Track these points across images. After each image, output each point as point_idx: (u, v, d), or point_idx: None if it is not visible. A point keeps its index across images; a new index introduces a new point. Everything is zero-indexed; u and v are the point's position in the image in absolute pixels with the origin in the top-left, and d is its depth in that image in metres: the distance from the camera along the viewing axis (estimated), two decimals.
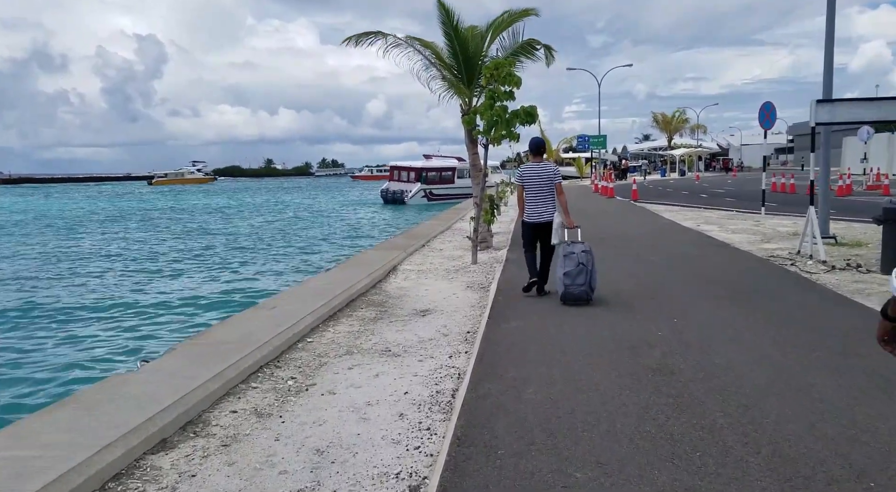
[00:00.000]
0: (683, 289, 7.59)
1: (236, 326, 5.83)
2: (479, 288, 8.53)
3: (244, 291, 13.57)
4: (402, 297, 8.07)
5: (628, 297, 7.17)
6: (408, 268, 10.29)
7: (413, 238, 13.53)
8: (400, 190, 45.51)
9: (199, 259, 19.39)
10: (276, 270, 16.81)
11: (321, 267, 15.90)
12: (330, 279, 8.47)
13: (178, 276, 16.12)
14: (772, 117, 15.44)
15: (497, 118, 9.56)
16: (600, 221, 16.78)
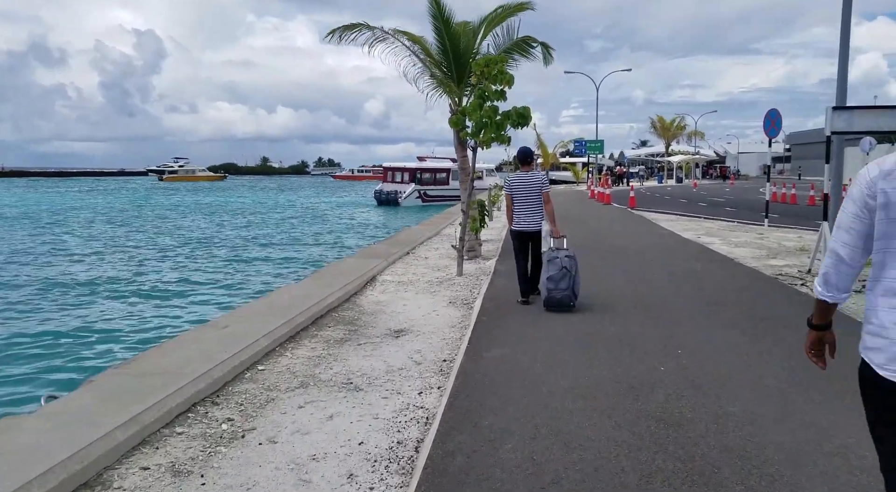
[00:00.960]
0: (688, 313, 6.86)
1: (175, 350, 5.06)
2: (462, 304, 7.78)
3: (205, 303, 12.38)
4: (376, 313, 7.32)
5: (627, 322, 6.43)
6: (388, 279, 9.53)
7: (397, 245, 12.77)
8: (394, 191, 44.85)
9: (168, 263, 18.18)
10: (243, 280, 15.32)
11: (298, 275, 14.86)
12: (298, 292, 7.70)
13: (136, 283, 14.90)
14: (777, 125, 14.76)
15: (487, 119, 8.83)
16: (596, 230, 16.06)
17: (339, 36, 10.28)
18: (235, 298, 12.80)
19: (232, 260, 18.93)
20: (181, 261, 18.81)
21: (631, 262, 10.50)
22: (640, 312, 6.82)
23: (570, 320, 6.50)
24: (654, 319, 6.53)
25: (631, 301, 7.39)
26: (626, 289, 8.16)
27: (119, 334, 10.01)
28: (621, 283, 8.58)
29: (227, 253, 20.66)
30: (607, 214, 22.01)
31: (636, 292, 7.92)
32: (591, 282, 8.45)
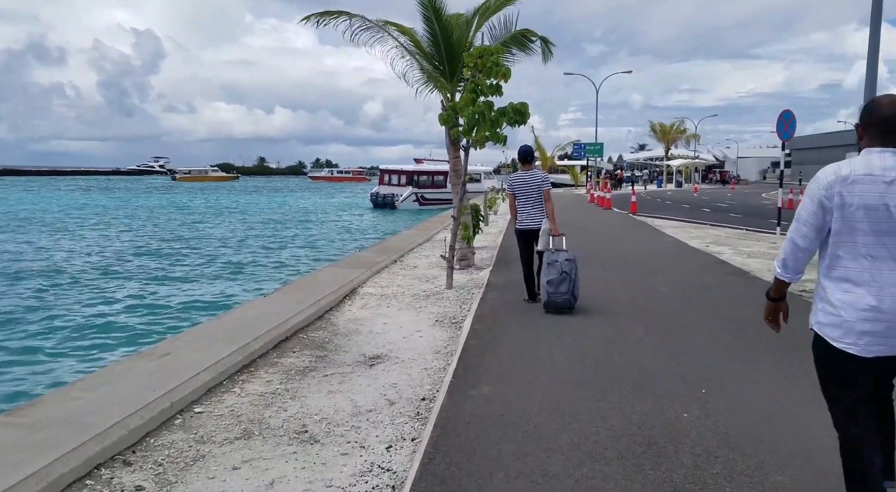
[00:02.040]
0: (706, 337, 5.98)
1: (89, 389, 4.16)
2: (449, 323, 6.89)
3: (153, 321, 10.83)
4: (351, 334, 6.43)
5: (639, 350, 5.54)
6: (370, 291, 8.63)
7: (384, 252, 11.87)
8: (390, 194, 44.06)
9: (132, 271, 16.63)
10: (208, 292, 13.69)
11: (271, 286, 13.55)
12: (263, 309, 6.81)
13: (82, 295, 13.24)
14: (791, 127, 13.90)
15: (480, 116, 7.95)
16: (598, 237, 15.18)
17: (316, 21, 9.39)
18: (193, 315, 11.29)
19: (202, 268, 17.34)
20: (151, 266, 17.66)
21: (637, 274, 9.62)
22: (652, 336, 5.93)
23: (573, 346, 5.62)
24: (669, 345, 5.64)
25: (640, 322, 6.50)
26: (634, 306, 7.27)
27: (30, 367, 8.43)
28: (628, 299, 7.69)
29: (201, 259, 19.17)
30: (608, 219, 21.14)
31: (645, 311, 7.04)
32: (596, 297, 7.58)
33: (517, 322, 6.59)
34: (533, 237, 7.61)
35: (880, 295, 2.39)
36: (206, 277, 15.84)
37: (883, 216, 2.38)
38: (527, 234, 7.65)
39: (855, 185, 2.41)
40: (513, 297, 7.93)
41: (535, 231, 7.55)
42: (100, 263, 18.19)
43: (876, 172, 2.39)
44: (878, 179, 2.39)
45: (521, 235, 7.71)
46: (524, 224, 7.63)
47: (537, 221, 7.54)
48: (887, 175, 2.38)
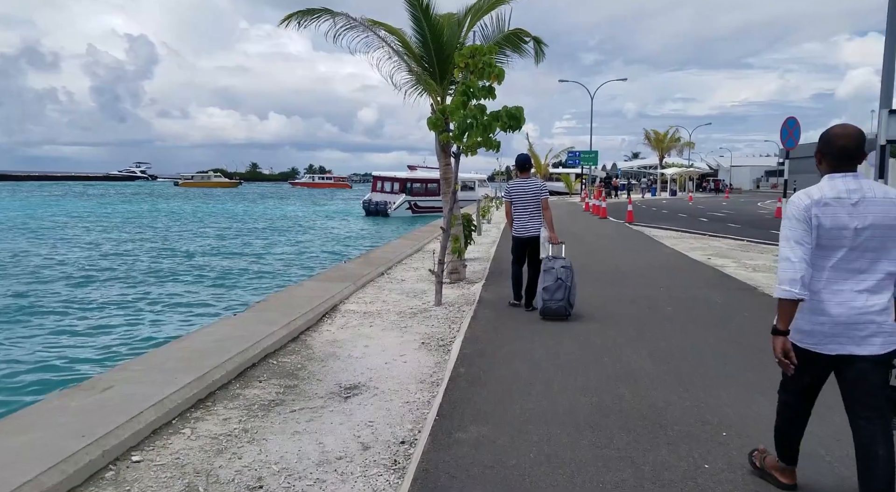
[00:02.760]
0: (723, 371, 5.39)
1: (6, 435, 3.52)
2: (436, 346, 6.28)
3: (102, 347, 9.52)
4: (327, 359, 5.82)
5: (649, 383, 4.95)
6: (352, 308, 8.02)
7: (370, 264, 11.25)
8: (383, 201, 43.52)
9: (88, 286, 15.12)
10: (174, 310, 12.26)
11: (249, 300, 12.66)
12: (228, 330, 6.17)
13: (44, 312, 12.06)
14: (795, 134, 13.40)
15: (472, 120, 7.38)
16: (594, 248, 14.62)
17: (297, 22, 8.80)
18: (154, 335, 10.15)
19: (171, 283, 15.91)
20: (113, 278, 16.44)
21: (637, 289, 9.05)
22: (661, 366, 5.35)
23: (573, 378, 5.02)
24: (681, 377, 5.06)
25: (646, 348, 5.92)
26: (638, 329, 6.69)
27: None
28: (630, 320, 7.11)
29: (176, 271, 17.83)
30: (604, 229, 20.59)
31: (650, 334, 6.45)
32: (595, 317, 7.02)
33: (511, 347, 5.99)
34: (528, 245, 7.63)
35: (838, 301, 2.75)
36: (174, 294, 14.41)
37: (850, 234, 2.71)
38: (523, 242, 7.65)
39: (827, 207, 2.72)
40: (506, 316, 7.34)
41: (531, 239, 7.59)
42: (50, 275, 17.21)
43: (843, 195, 2.72)
44: (846, 201, 2.71)
45: (517, 242, 7.70)
46: (521, 232, 7.63)
47: (534, 229, 7.56)
48: (852, 197, 2.72)
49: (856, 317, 2.75)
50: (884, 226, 2.72)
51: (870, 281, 2.75)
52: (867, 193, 2.74)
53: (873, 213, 2.71)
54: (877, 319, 2.74)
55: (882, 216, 2.71)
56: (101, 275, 16.96)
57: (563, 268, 7.02)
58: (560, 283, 6.93)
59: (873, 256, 2.74)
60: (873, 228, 2.71)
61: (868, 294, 2.75)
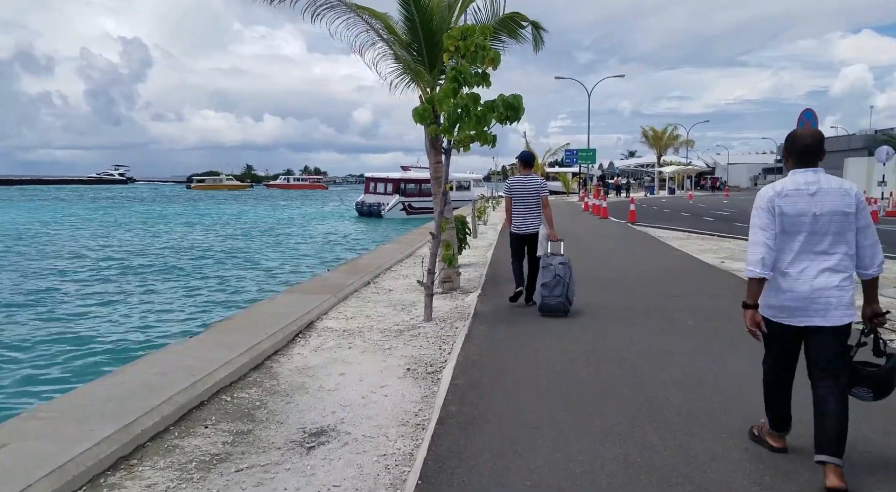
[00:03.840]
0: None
1: None
2: (424, 374, 5.36)
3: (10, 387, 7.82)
4: (294, 393, 4.89)
5: (685, 434, 4.03)
6: (330, 325, 7.09)
7: (356, 272, 10.31)
8: (376, 203, 42.59)
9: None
10: (112, 334, 10.47)
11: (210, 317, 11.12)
12: (176, 359, 5.22)
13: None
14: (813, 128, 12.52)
15: (463, 111, 6.47)
16: (597, 251, 13.72)
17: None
18: (85, 367, 8.45)
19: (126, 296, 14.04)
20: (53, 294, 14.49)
21: (650, 299, 8.14)
22: (691, 399, 4.43)
23: (592, 424, 4.10)
24: (716, 414, 4.14)
25: (670, 373, 5.01)
26: (656, 347, 5.77)
27: None
28: (645, 335, 6.20)
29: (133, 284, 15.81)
30: (606, 230, 19.69)
31: (673, 355, 5.54)
32: (607, 332, 6.08)
33: (512, 373, 5.07)
34: (527, 242, 7.60)
35: (801, 279, 3.17)
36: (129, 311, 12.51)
37: (809, 220, 3.16)
38: (522, 238, 7.60)
39: (787, 198, 3.19)
40: (505, 332, 6.43)
41: (530, 236, 7.55)
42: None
43: (801, 187, 3.19)
44: (804, 192, 3.18)
45: (515, 238, 7.65)
46: (520, 229, 7.56)
47: (533, 226, 7.51)
48: (810, 188, 3.18)
49: (819, 292, 3.13)
50: (838, 212, 3.12)
51: (830, 261, 3.14)
52: (823, 184, 3.16)
53: (829, 201, 3.13)
54: (837, 293, 3.12)
55: (836, 203, 3.12)
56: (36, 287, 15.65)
57: (561, 264, 7.03)
58: (559, 279, 6.94)
59: (832, 239, 3.14)
60: (830, 214, 3.12)
61: (829, 272, 3.13)
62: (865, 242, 3.18)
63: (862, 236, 3.18)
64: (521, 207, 7.54)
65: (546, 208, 7.52)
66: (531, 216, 7.51)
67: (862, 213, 3.16)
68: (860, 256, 3.20)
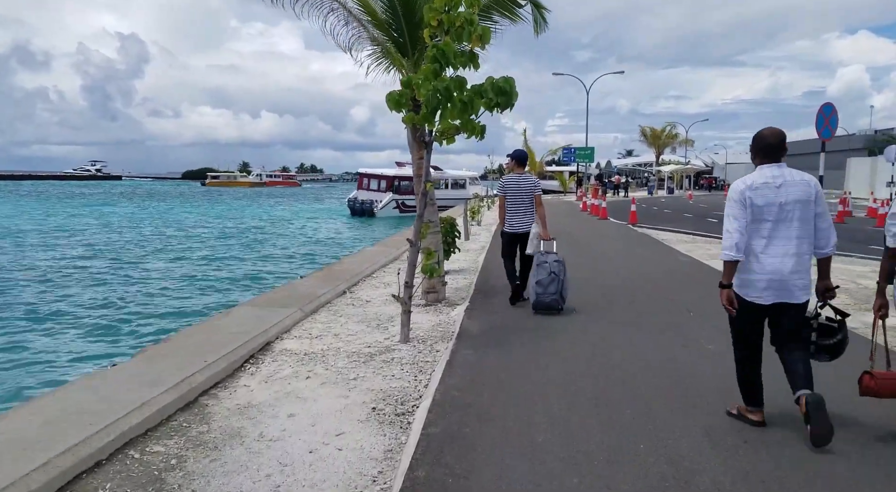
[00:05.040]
0: (826, 469, 3.49)
1: None
2: (392, 416, 4.35)
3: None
4: (225, 444, 3.88)
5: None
6: (290, 347, 6.07)
7: (331, 279, 9.29)
8: (369, 200, 41.60)
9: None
10: (26, 361, 8.98)
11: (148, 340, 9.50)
12: (76, 400, 4.16)
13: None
14: (832, 123, 11.54)
15: (444, 95, 5.47)
16: (598, 256, 12.72)
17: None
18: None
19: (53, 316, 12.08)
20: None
21: (660, 314, 7.15)
22: (729, 460, 3.44)
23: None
24: (769, 486, 3.15)
25: (698, 422, 4.01)
26: (673, 379, 4.78)
27: None
28: (660, 364, 5.21)
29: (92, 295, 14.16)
30: (607, 232, 18.69)
31: (699, 392, 4.55)
32: (612, 358, 5.08)
33: (502, 418, 4.07)
34: (520, 241, 7.58)
35: (771, 262, 3.66)
36: (49, 329, 10.84)
37: (776, 209, 3.65)
38: (515, 237, 7.58)
39: (757, 190, 3.67)
40: (493, 358, 5.43)
41: (523, 235, 7.53)
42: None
43: (769, 181, 3.67)
44: (771, 184, 3.66)
45: (508, 238, 7.63)
46: (513, 228, 7.55)
47: (526, 225, 7.52)
48: (776, 181, 3.66)
49: (787, 274, 3.66)
50: (801, 201, 3.65)
51: (795, 246, 3.67)
52: (787, 177, 3.69)
53: (793, 192, 3.65)
54: (801, 276, 3.69)
55: (799, 194, 3.65)
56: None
57: (555, 262, 7.07)
58: (553, 276, 6.97)
59: (796, 226, 3.66)
60: (794, 203, 3.65)
61: (796, 256, 3.67)
62: (822, 225, 3.71)
63: (819, 220, 3.71)
64: (516, 206, 7.49)
65: (540, 207, 7.51)
66: (525, 215, 7.49)
67: (819, 201, 3.70)
68: (818, 237, 3.73)
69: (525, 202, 7.45)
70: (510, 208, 7.51)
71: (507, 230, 7.59)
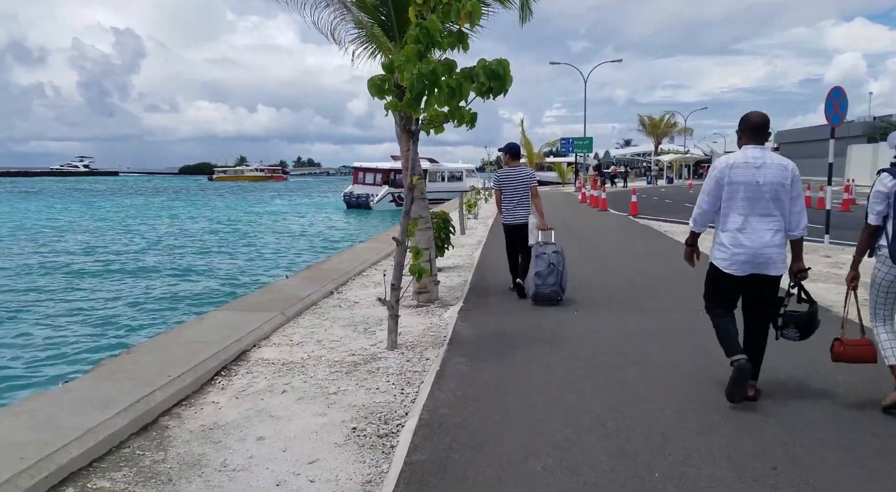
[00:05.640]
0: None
1: None
2: (374, 438, 3.88)
3: None
4: (180, 477, 3.40)
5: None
6: (268, 355, 5.59)
7: (318, 279, 8.80)
8: (364, 194, 41.03)
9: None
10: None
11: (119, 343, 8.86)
12: (10, 428, 3.68)
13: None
14: (842, 108, 11.02)
15: (428, 80, 4.97)
16: (599, 251, 12.25)
17: None
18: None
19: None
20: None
21: (673, 320, 6.68)
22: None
23: None
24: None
25: (728, 460, 3.54)
26: (690, 401, 4.32)
27: None
28: (681, 384, 4.74)
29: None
30: (607, 224, 18.21)
31: (725, 418, 4.08)
32: (624, 372, 4.60)
33: (494, 451, 3.59)
34: (517, 232, 7.70)
35: (750, 238, 3.95)
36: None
37: (753, 188, 3.93)
38: (513, 229, 7.71)
39: (736, 169, 3.96)
40: (488, 367, 4.96)
41: (520, 226, 7.67)
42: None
43: (750, 161, 3.94)
44: (751, 164, 3.93)
45: (507, 229, 7.76)
46: (510, 220, 7.67)
47: (522, 216, 7.62)
48: (756, 162, 3.93)
49: (762, 248, 3.94)
50: (777, 183, 3.92)
51: (770, 223, 3.95)
52: (767, 160, 3.95)
53: (771, 173, 3.92)
54: (776, 249, 3.96)
55: (776, 176, 3.92)
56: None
57: (554, 253, 7.10)
58: (552, 268, 7.01)
59: (771, 205, 3.93)
60: (770, 184, 3.91)
61: (772, 232, 3.94)
62: (795, 208, 3.97)
63: (793, 204, 3.96)
64: (512, 198, 7.61)
65: (535, 198, 7.64)
66: (521, 207, 7.59)
67: (795, 185, 3.94)
68: (790, 220, 3.98)
69: (520, 194, 7.57)
70: (506, 201, 7.64)
71: (505, 222, 7.76)
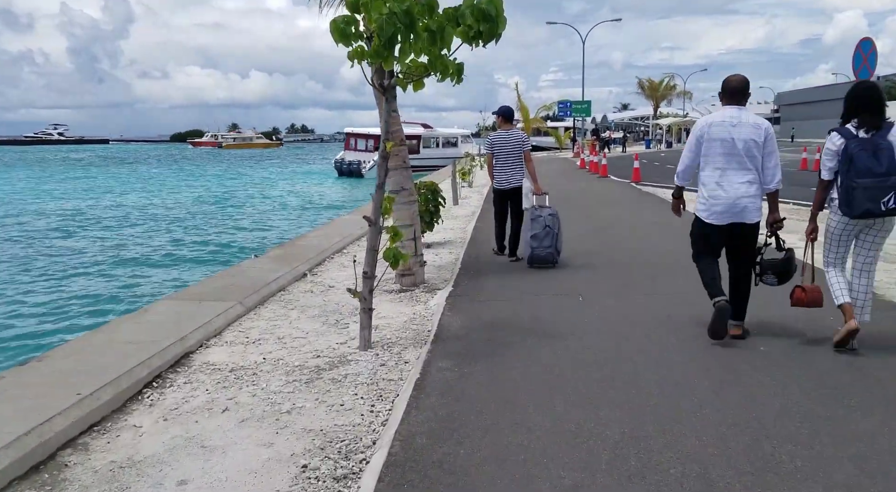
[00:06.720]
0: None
1: None
2: (329, 481, 3.00)
3: None
4: None
5: None
6: (214, 358, 4.69)
7: (291, 258, 7.85)
8: (356, 161, 39.95)
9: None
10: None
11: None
12: None
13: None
14: (871, 62, 9.97)
15: (402, 22, 3.98)
16: (602, 224, 11.34)
17: None
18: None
19: None
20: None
21: (686, 304, 5.77)
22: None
23: None
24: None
25: (757, 482, 2.69)
26: (725, 422, 3.45)
27: None
28: (708, 385, 3.88)
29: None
30: (608, 192, 17.26)
31: (761, 437, 3.22)
32: (639, 373, 3.73)
33: (488, 481, 2.73)
34: (510, 197, 7.62)
35: (726, 190, 4.40)
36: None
37: (729, 145, 4.39)
38: (506, 194, 7.63)
39: (714, 127, 4.43)
40: (480, 372, 4.08)
41: (514, 190, 7.58)
42: None
43: (727, 120, 4.41)
44: (727, 123, 4.40)
45: (499, 194, 7.69)
46: (503, 184, 7.59)
47: (516, 181, 7.53)
48: (732, 121, 4.39)
49: (740, 199, 4.39)
50: (750, 140, 4.36)
51: (748, 176, 4.40)
52: (743, 119, 4.39)
53: (745, 132, 4.37)
54: (751, 199, 4.41)
55: (750, 134, 4.37)
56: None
57: (550, 215, 7.10)
58: (548, 230, 7.00)
59: (749, 160, 4.38)
60: (744, 141, 4.36)
61: (748, 184, 4.39)
62: (769, 164, 4.45)
63: (767, 160, 4.45)
64: (504, 162, 7.52)
65: (529, 162, 7.58)
66: (514, 171, 7.51)
67: (768, 142, 4.44)
68: (765, 174, 4.46)
69: (512, 157, 7.48)
70: (498, 165, 7.54)
71: (497, 187, 7.65)
